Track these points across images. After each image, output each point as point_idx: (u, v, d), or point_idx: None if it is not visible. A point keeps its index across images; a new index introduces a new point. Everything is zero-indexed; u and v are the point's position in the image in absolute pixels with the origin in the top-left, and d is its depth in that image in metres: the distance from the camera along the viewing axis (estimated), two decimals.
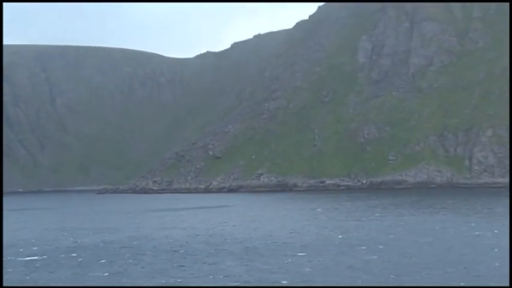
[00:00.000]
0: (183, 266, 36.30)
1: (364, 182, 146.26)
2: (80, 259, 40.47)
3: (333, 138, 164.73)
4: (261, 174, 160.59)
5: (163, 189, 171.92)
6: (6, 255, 41.73)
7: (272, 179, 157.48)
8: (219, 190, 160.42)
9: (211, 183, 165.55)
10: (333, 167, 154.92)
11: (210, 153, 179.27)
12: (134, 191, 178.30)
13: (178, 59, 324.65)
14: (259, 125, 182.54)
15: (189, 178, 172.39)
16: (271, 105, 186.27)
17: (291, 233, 52.64)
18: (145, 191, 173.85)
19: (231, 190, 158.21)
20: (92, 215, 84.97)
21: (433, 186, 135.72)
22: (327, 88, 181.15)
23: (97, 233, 58.11)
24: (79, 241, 51.46)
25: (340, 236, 48.76)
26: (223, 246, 44.56)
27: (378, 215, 68.41)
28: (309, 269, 33.65)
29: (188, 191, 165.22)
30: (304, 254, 39.46)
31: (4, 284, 31.34)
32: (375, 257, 37.61)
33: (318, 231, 52.61)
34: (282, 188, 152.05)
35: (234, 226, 60.57)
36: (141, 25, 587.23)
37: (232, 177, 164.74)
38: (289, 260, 36.97)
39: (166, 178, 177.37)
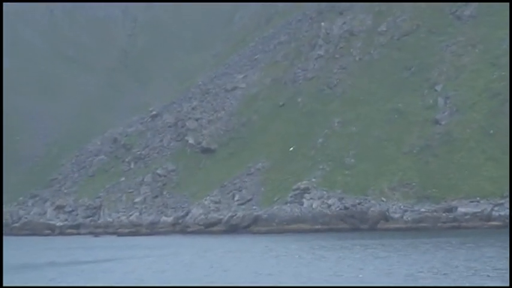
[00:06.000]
0: None
1: None
2: None
3: (478, 107, 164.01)
4: (308, 190, 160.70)
5: (78, 226, 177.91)
6: None
7: (333, 201, 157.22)
8: (206, 228, 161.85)
9: (188, 213, 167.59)
10: (475, 173, 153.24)
11: (190, 140, 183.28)
12: (11, 228, 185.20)
13: None
14: (307, 76, 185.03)
15: (138, 200, 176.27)
16: (335, 29, 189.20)
17: None
18: (35, 230, 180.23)
19: (231, 229, 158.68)
20: None
21: None
22: None
23: None
24: None
25: None
26: None
27: None
28: None
29: (136, 230, 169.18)
30: None
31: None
32: None
33: None
34: (355, 224, 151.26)
35: None
36: None
37: (238, 197, 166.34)
38: None
39: (88, 200, 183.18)
